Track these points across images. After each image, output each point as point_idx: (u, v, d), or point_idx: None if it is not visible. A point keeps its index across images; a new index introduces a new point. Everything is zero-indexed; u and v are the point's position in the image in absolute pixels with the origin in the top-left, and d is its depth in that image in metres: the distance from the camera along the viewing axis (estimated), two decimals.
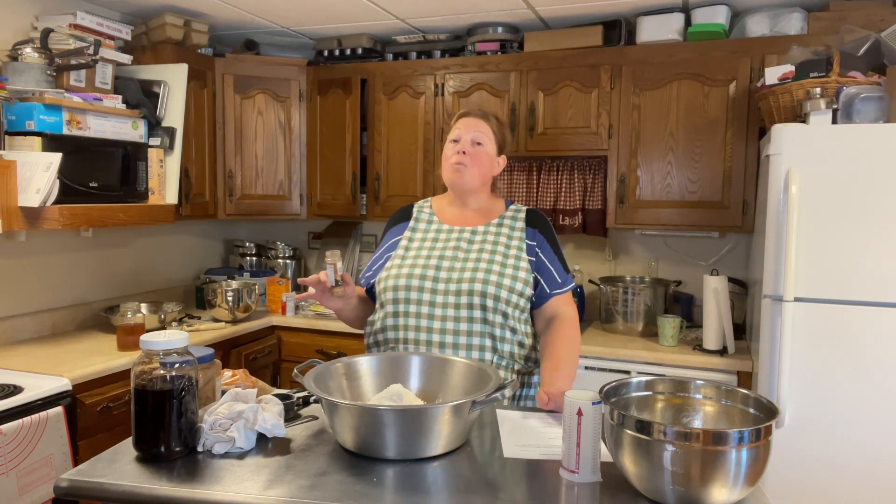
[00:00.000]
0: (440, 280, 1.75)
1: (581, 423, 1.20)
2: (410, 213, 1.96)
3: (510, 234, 1.85)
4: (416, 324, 1.75)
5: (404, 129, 3.39)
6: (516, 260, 1.80)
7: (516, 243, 1.83)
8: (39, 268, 2.87)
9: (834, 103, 2.28)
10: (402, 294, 1.76)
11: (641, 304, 2.99)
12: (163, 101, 2.93)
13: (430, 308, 1.74)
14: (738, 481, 1.06)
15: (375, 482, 1.18)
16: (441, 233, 1.88)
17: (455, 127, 1.88)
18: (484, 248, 1.82)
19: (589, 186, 3.19)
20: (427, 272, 1.77)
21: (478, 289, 1.72)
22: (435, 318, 1.73)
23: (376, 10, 3.05)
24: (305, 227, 4.04)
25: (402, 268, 1.80)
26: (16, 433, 1.99)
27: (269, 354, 3.29)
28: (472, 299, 1.72)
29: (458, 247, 1.83)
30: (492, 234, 1.85)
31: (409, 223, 1.93)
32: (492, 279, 1.74)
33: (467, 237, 1.85)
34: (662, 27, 2.94)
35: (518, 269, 1.78)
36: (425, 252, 1.83)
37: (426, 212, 1.95)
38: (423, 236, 1.88)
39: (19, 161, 2.32)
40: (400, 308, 1.76)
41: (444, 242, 1.85)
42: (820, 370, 2.25)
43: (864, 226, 2.19)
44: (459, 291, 1.73)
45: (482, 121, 1.86)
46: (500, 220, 1.88)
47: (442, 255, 1.81)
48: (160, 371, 1.27)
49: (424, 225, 1.91)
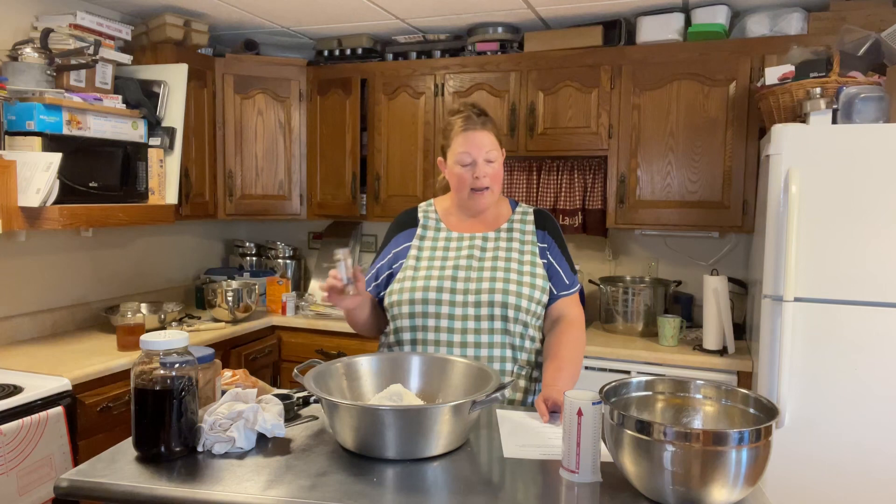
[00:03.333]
0: (458, 291, 1.71)
1: (581, 423, 1.20)
2: (416, 219, 1.89)
3: (522, 238, 1.82)
4: (436, 338, 1.72)
5: (404, 129, 3.39)
6: (532, 266, 1.77)
7: (529, 248, 1.80)
8: (39, 268, 2.87)
9: (834, 103, 2.27)
10: (419, 308, 1.72)
11: (641, 304, 2.99)
12: (163, 101, 2.93)
13: (450, 321, 1.70)
14: (738, 481, 1.06)
15: (375, 482, 1.19)
16: (451, 241, 1.83)
17: (458, 143, 1.77)
18: (498, 255, 1.78)
19: (589, 186, 3.19)
20: (443, 283, 1.73)
21: (498, 300, 1.69)
22: (455, 332, 1.70)
23: (376, 10, 3.05)
24: (305, 227, 4.04)
25: (417, 280, 1.75)
26: (16, 433, 1.99)
27: (269, 354, 3.29)
28: (492, 310, 1.69)
29: (472, 255, 1.78)
30: (503, 239, 1.81)
31: (416, 230, 1.87)
32: (511, 288, 1.71)
33: (479, 244, 1.81)
34: (662, 27, 2.94)
35: (535, 277, 1.76)
36: (438, 262, 1.78)
37: (432, 217, 1.89)
38: (432, 245, 1.83)
39: (19, 161, 2.32)
40: (418, 322, 1.73)
41: (455, 251, 1.80)
42: (820, 370, 2.25)
43: (864, 226, 2.19)
44: (479, 303, 1.70)
45: (485, 132, 1.77)
46: (509, 225, 1.84)
47: (456, 265, 1.76)
48: (160, 371, 1.27)
49: (433, 233, 1.86)
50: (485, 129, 1.78)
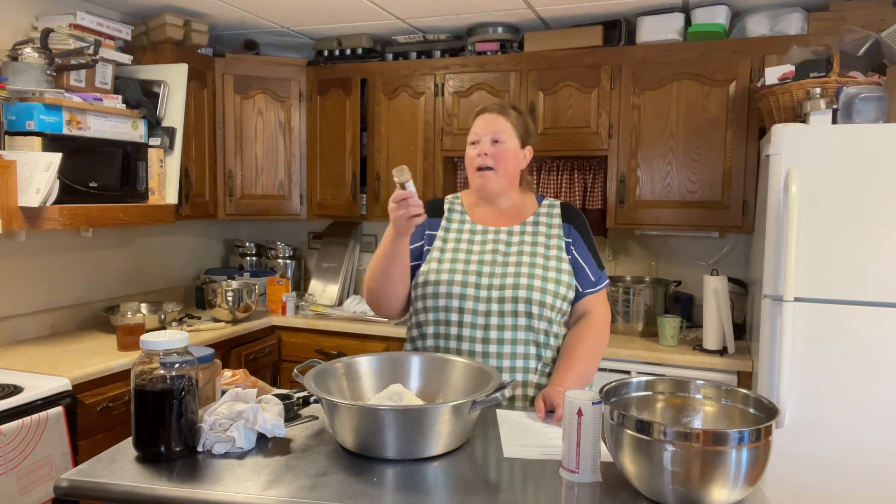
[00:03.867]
0: (482, 287, 1.69)
1: (581, 423, 1.20)
2: (441, 209, 1.87)
3: (548, 232, 1.78)
4: (459, 332, 1.70)
5: (404, 129, 3.39)
6: (558, 262, 1.74)
7: (555, 242, 1.77)
8: (39, 268, 2.87)
9: (834, 103, 2.27)
10: (442, 301, 1.70)
11: (641, 304, 2.99)
12: (163, 101, 2.93)
13: (473, 316, 1.68)
14: (738, 481, 1.06)
15: (375, 482, 1.19)
16: (476, 234, 1.80)
17: (473, 126, 1.80)
18: (523, 249, 1.75)
19: (589, 186, 3.19)
20: (468, 278, 1.70)
21: (522, 295, 1.66)
22: (477, 328, 1.68)
23: (376, 10, 3.05)
24: (305, 227, 4.03)
25: (441, 273, 1.73)
26: (16, 433, 1.99)
27: (269, 354, 3.29)
28: (516, 306, 1.67)
29: (496, 249, 1.76)
30: (528, 234, 1.78)
31: (440, 221, 1.84)
32: (536, 284, 1.68)
33: (504, 238, 1.78)
34: (662, 27, 2.94)
35: (561, 272, 1.73)
36: (462, 255, 1.76)
37: (458, 209, 1.86)
38: (457, 236, 1.81)
39: (19, 161, 2.32)
40: (441, 316, 1.72)
41: (480, 245, 1.77)
42: (820, 370, 2.25)
43: (864, 226, 2.19)
44: (503, 298, 1.67)
45: (500, 116, 1.77)
46: (535, 219, 1.81)
47: (481, 260, 1.74)
48: (160, 371, 1.27)
49: (457, 224, 1.83)
50: (500, 115, 1.77)
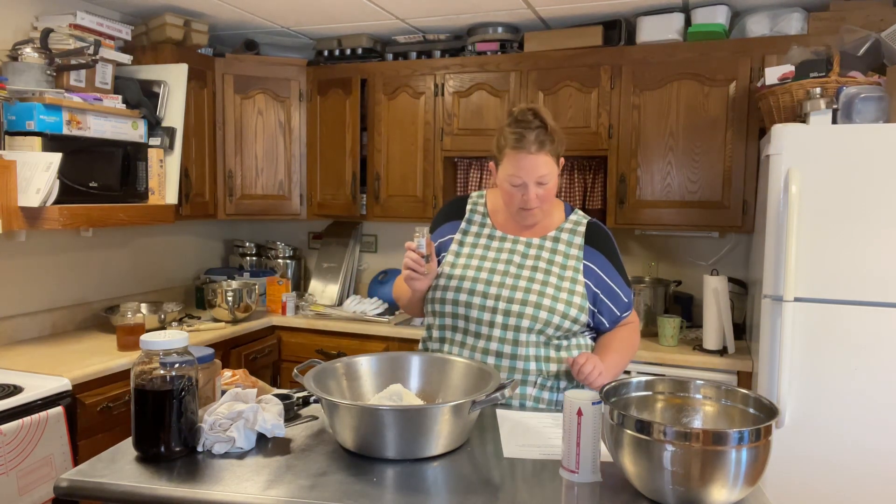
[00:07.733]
0: (489, 296, 1.67)
1: (581, 423, 1.20)
2: (463, 210, 1.84)
3: (567, 251, 1.73)
4: (462, 339, 1.71)
5: (404, 129, 3.39)
6: (572, 283, 1.69)
7: (573, 263, 1.72)
8: (39, 268, 2.87)
9: (834, 103, 2.27)
10: (448, 308, 1.71)
11: (641, 304, 2.99)
12: (163, 101, 2.93)
13: (477, 326, 1.68)
14: (738, 481, 1.06)
15: (375, 482, 1.19)
16: (493, 240, 1.77)
17: (509, 161, 1.65)
18: (538, 266, 1.71)
19: (589, 186, 3.19)
20: (476, 286, 1.69)
21: (529, 312, 1.64)
22: (481, 337, 1.68)
23: (376, 10, 3.05)
24: (305, 227, 4.04)
25: (451, 279, 1.72)
26: (16, 433, 1.99)
27: (269, 354, 3.29)
28: (520, 322, 1.65)
29: (511, 260, 1.72)
30: (548, 249, 1.74)
31: (460, 223, 1.83)
32: (545, 303, 1.65)
33: (521, 249, 1.74)
34: (662, 27, 2.94)
35: (573, 294, 1.68)
36: (476, 262, 1.74)
37: (480, 211, 1.83)
38: (474, 241, 1.79)
39: (19, 161, 2.32)
40: (447, 321, 1.73)
41: (496, 252, 1.75)
42: (820, 370, 2.25)
43: (864, 226, 2.19)
44: (509, 312, 1.65)
45: (539, 156, 1.63)
46: (557, 234, 1.76)
47: (493, 269, 1.71)
48: (160, 371, 1.27)
49: (477, 228, 1.81)
50: (540, 153, 1.63)
